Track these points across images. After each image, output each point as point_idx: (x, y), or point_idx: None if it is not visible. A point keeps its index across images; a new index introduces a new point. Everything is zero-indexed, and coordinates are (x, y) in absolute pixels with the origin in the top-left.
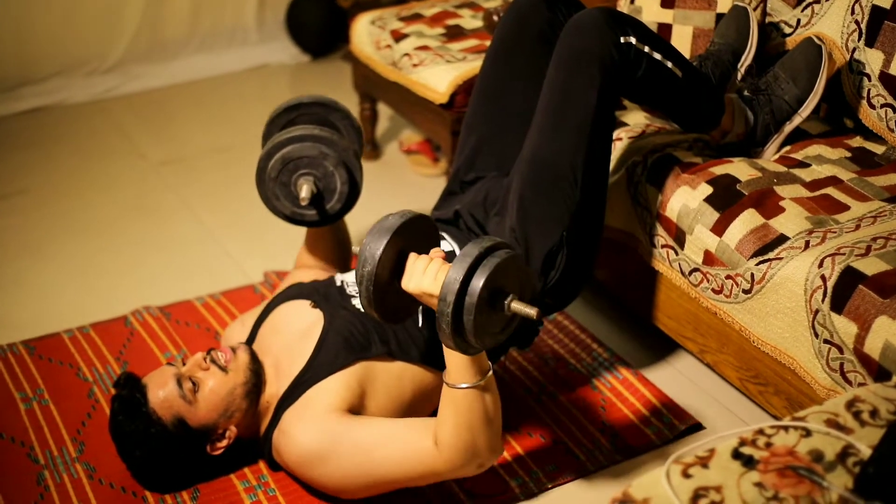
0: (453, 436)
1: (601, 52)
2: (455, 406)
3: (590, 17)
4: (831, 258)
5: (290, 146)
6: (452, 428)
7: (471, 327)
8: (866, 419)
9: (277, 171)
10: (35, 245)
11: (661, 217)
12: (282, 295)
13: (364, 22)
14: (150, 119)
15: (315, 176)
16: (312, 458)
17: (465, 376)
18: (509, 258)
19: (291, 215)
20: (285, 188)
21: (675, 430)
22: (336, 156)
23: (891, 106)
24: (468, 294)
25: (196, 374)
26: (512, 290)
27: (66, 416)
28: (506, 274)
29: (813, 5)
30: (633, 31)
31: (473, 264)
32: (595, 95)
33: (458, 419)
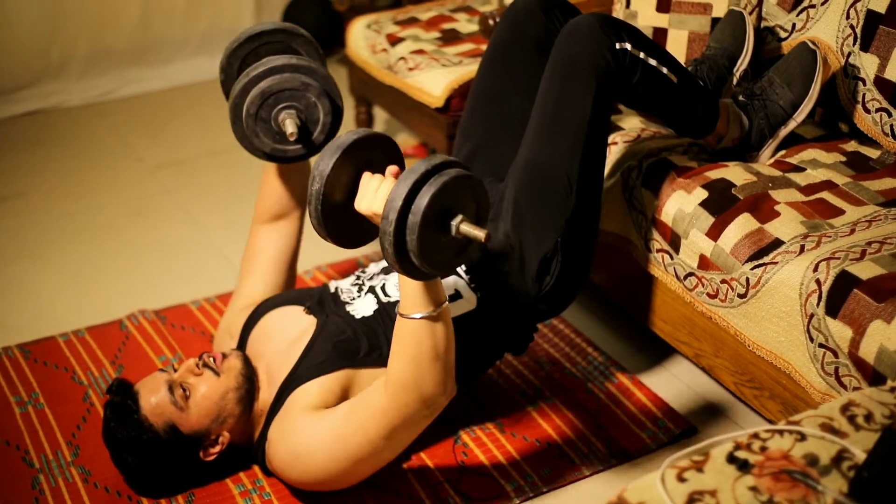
0: (398, 370)
1: (596, 57)
2: (404, 338)
3: (585, 23)
4: (826, 262)
5: (268, 79)
6: (398, 362)
7: (414, 248)
8: (861, 423)
9: (257, 107)
10: (31, 248)
11: (657, 221)
12: (273, 300)
13: (360, 26)
14: (147, 122)
15: (297, 108)
16: (293, 459)
17: (417, 306)
18: (461, 177)
19: (272, 153)
20: (265, 124)
21: (670, 433)
22: (318, 85)
23: (886, 110)
24: (412, 212)
25: (188, 379)
26: (463, 211)
27: (61, 420)
28: (457, 193)
29: (808, 10)
30: (628, 37)
31: (419, 181)
32: (590, 101)
33: (405, 351)
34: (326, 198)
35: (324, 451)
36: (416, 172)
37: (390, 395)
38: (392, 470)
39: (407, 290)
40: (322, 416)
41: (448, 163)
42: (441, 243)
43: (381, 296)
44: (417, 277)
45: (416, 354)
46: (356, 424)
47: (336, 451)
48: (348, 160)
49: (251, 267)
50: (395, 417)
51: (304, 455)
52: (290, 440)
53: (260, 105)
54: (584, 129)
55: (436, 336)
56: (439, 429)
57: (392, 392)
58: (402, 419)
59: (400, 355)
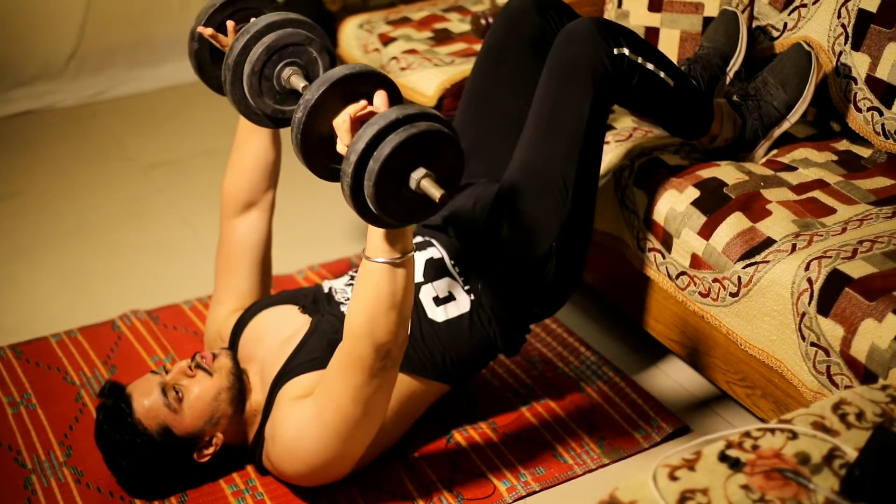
0: (353, 318)
1: (594, 62)
2: (364, 281)
3: (583, 27)
4: (818, 261)
5: (271, 34)
6: (354, 308)
7: (371, 195)
8: (852, 422)
9: (262, 64)
10: (24, 248)
11: (649, 220)
12: (266, 301)
13: (352, 26)
14: (140, 122)
15: (299, 65)
16: (284, 450)
17: (380, 250)
18: (434, 132)
19: (273, 114)
20: (269, 83)
21: (662, 432)
22: (319, 40)
23: (877, 109)
24: (373, 158)
25: (181, 381)
26: (430, 168)
27: (53, 421)
28: (426, 148)
29: (800, 9)
30: (626, 42)
31: (388, 127)
32: (588, 106)
33: (362, 296)
34: (308, 128)
35: (307, 434)
36: (386, 119)
37: (345, 350)
38: (385, 470)
39: (373, 234)
40: (302, 401)
41: (425, 115)
42: (402, 195)
43: None
44: (376, 224)
45: (372, 300)
46: (325, 396)
47: (318, 430)
48: (337, 92)
49: (227, 265)
50: (353, 373)
51: (293, 444)
52: (280, 434)
53: (265, 62)
54: (581, 133)
55: (395, 283)
56: (432, 428)
57: (346, 345)
58: (361, 373)
59: (357, 300)
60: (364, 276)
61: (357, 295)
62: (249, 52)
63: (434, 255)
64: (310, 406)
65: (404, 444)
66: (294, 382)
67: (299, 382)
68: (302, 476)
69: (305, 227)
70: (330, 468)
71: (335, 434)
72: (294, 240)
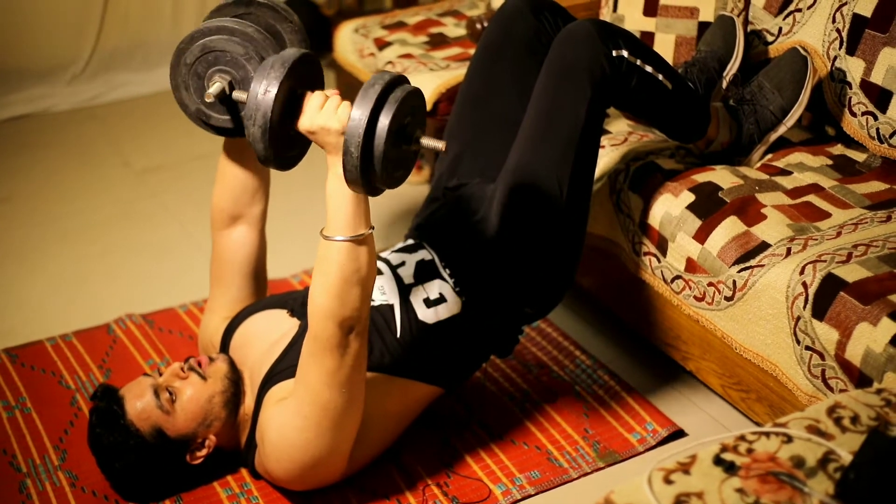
0: (316, 299)
1: (593, 64)
2: (326, 260)
3: (582, 29)
4: (813, 265)
5: (216, 35)
6: (317, 288)
7: (380, 168)
8: (847, 425)
9: (195, 58)
10: (18, 252)
11: (644, 224)
12: (254, 306)
13: (347, 30)
14: (135, 126)
15: (233, 77)
16: (274, 450)
17: (346, 227)
18: (412, 92)
19: (196, 113)
20: (198, 80)
21: (657, 436)
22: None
23: (872, 114)
24: (377, 134)
25: (174, 383)
26: (417, 125)
27: (48, 425)
28: (408, 109)
29: (794, 14)
30: (625, 44)
31: (379, 99)
32: (585, 108)
33: (325, 275)
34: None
35: (290, 431)
36: (375, 92)
37: (312, 335)
38: (380, 474)
39: (336, 213)
40: (283, 401)
41: (398, 79)
42: (400, 158)
43: None
44: (372, 193)
45: (336, 278)
46: (302, 389)
47: (299, 425)
48: (289, 77)
49: (218, 275)
50: (323, 358)
51: (278, 443)
52: (267, 436)
53: (198, 57)
54: (577, 135)
55: (359, 260)
56: (427, 432)
57: (313, 329)
58: (331, 356)
59: (320, 281)
60: (326, 257)
61: (319, 276)
62: (192, 43)
63: (425, 258)
64: (290, 403)
65: (399, 448)
66: (280, 386)
67: (285, 386)
68: (293, 478)
69: (300, 231)
70: (319, 466)
71: (317, 425)
72: (288, 244)
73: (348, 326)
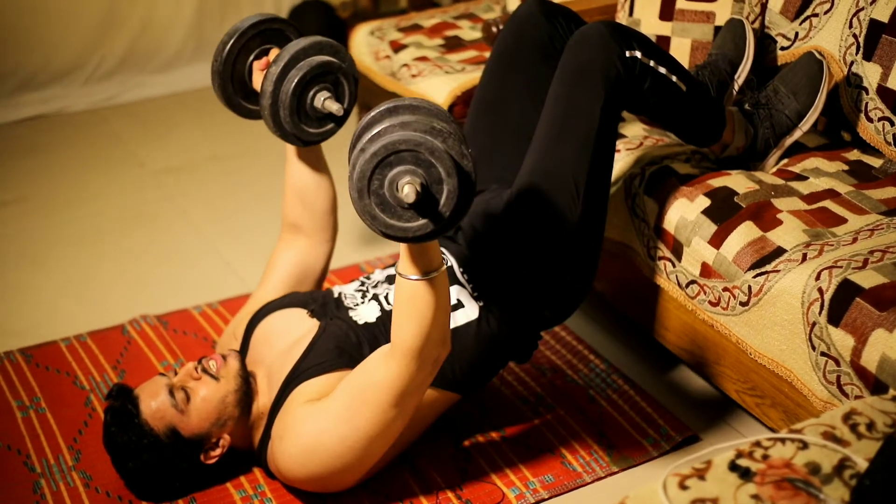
0: (403, 336)
1: (606, 65)
2: (405, 299)
3: (595, 31)
4: (828, 271)
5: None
6: (402, 327)
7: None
8: (863, 432)
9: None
10: (33, 253)
11: (659, 229)
12: (275, 303)
13: (363, 32)
14: (149, 127)
15: (328, 88)
16: (300, 452)
17: (416, 267)
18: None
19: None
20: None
21: (671, 441)
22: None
23: (888, 119)
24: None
25: (188, 383)
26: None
27: (62, 425)
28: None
29: (811, 18)
30: (638, 45)
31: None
32: (599, 109)
33: (407, 314)
34: None
35: (333, 436)
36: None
37: (398, 363)
38: (393, 477)
39: (406, 251)
40: (323, 404)
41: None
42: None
43: (384, 304)
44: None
45: (418, 316)
46: (361, 400)
47: (346, 432)
48: None
49: (268, 275)
50: (403, 383)
51: (314, 445)
52: (296, 434)
53: (302, 90)
54: (593, 136)
55: (437, 295)
56: (441, 436)
57: (400, 359)
58: (411, 383)
59: (403, 319)
60: (401, 294)
61: (401, 315)
62: (283, 81)
63: None
64: (337, 408)
65: (413, 452)
66: (305, 386)
67: (311, 386)
68: (314, 479)
69: None
70: (346, 473)
71: (367, 438)
72: None
73: (435, 361)
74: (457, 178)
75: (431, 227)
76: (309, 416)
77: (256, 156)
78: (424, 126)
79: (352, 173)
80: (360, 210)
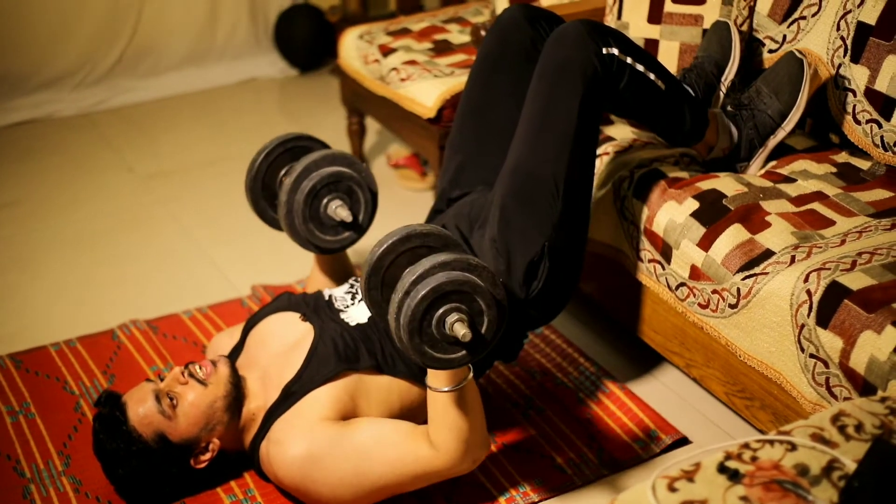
0: (449, 438)
1: (583, 62)
2: (444, 409)
3: (572, 29)
4: (817, 273)
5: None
6: (448, 431)
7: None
8: (851, 433)
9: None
10: (23, 258)
11: (648, 232)
12: (269, 306)
13: (352, 36)
14: (140, 132)
15: (342, 197)
16: (306, 465)
17: (444, 381)
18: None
19: (324, 244)
20: (316, 216)
21: (661, 444)
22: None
23: (876, 121)
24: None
25: (175, 388)
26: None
27: (52, 430)
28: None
29: (799, 21)
30: (615, 43)
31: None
32: (577, 106)
33: (450, 421)
34: None
35: (346, 466)
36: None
37: (444, 458)
38: None
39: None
40: (349, 434)
41: None
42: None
43: None
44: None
45: (456, 423)
46: (392, 458)
47: (362, 471)
48: None
49: None
50: (440, 471)
51: (321, 464)
52: (307, 446)
53: (313, 198)
54: (572, 133)
55: (470, 400)
56: None
57: (446, 457)
58: (447, 473)
59: (441, 428)
60: (435, 406)
61: (436, 423)
62: (297, 192)
63: None
64: (361, 455)
65: None
66: (314, 397)
67: (320, 398)
68: (305, 493)
69: None
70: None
71: (373, 490)
72: (294, 251)
73: (473, 459)
74: (496, 309)
75: (472, 354)
76: (329, 437)
77: (246, 160)
78: (463, 264)
79: (398, 314)
80: (410, 348)
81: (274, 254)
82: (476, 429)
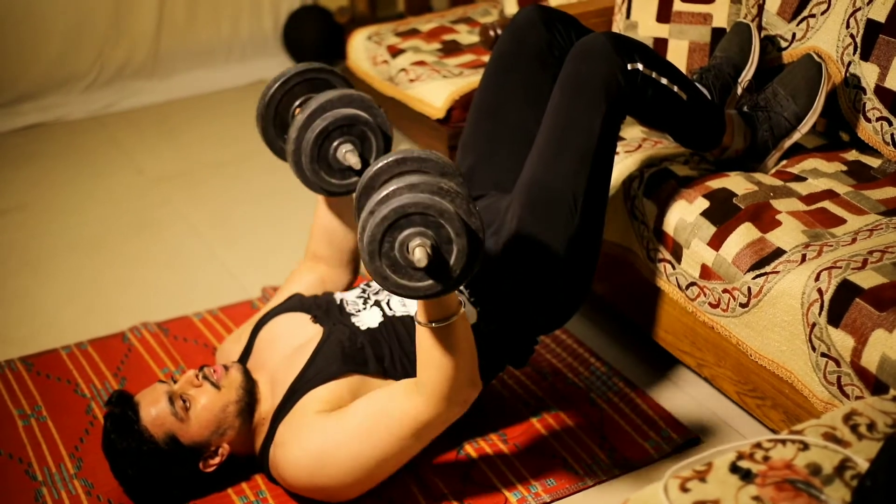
0: (434, 377)
1: (608, 78)
2: (428, 347)
3: (598, 43)
4: (828, 272)
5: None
6: (429, 371)
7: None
8: (863, 432)
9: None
10: (33, 261)
11: (658, 231)
12: (280, 306)
13: (360, 37)
14: (148, 134)
15: (353, 141)
16: (310, 461)
17: (434, 314)
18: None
19: (329, 187)
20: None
21: (672, 443)
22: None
23: (886, 119)
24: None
25: (188, 391)
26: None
27: (63, 433)
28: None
29: (808, 19)
30: (640, 57)
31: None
32: (599, 122)
33: (431, 359)
34: None
35: (348, 451)
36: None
37: (425, 401)
38: (396, 483)
39: (422, 301)
40: (341, 418)
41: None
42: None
43: (386, 310)
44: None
45: (441, 361)
46: (384, 425)
47: (360, 451)
48: None
49: (282, 294)
50: (427, 419)
51: (325, 457)
52: (308, 443)
53: (323, 141)
54: (592, 150)
55: (457, 339)
56: (442, 440)
57: (427, 398)
58: (436, 420)
59: (427, 365)
60: (422, 341)
61: (423, 358)
62: (307, 129)
63: None
64: (356, 426)
65: (415, 458)
66: (314, 394)
67: (319, 394)
68: (319, 489)
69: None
70: (353, 487)
71: (381, 459)
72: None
73: (464, 401)
74: (466, 238)
75: (441, 286)
76: (324, 428)
77: (256, 162)
78: (432, 187)
79: (361, 235)
80: (371, 271)
81: (285, 256)
82: (462, 368)
